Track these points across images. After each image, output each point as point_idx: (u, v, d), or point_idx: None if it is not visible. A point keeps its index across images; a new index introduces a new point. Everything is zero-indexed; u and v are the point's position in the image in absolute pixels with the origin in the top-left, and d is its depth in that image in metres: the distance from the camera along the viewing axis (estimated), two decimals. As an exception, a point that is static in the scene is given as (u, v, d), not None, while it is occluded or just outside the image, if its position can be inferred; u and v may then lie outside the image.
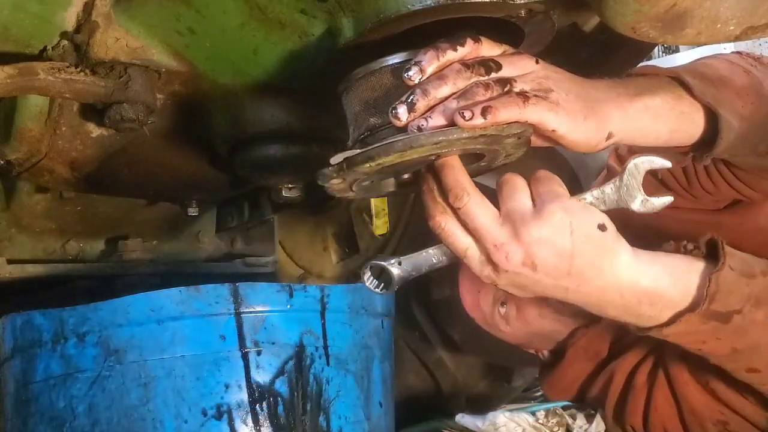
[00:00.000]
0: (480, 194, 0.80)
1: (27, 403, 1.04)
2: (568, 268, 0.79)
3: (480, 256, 0.81)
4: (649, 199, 0.80)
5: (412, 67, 0.75)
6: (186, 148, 1.21)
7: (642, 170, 0.80)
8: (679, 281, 0.82)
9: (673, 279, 0.82)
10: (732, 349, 0.85)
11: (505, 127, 0.75)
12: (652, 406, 1.07)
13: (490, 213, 0.79)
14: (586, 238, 0.78)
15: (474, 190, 0.80)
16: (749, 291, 0.82)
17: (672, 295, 0.82)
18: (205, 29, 0.91)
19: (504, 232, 0.78)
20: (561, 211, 0.77)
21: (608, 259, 0.80)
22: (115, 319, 1.00)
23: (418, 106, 0.74)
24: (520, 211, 0.78)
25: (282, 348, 1.03)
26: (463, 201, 0.79)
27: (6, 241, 1.38)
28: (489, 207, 0.80)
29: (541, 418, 1.80)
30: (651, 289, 0.81)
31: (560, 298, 0.83)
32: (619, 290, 0.81)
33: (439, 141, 0.74)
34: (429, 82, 0.75)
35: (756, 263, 0.85)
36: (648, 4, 0.68)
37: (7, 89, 0.90)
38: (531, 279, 0.80)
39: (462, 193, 0.79)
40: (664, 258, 0.84)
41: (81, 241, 1.47)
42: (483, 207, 0.79)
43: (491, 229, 0.79)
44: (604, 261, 0.79)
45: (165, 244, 1.57)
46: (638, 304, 0.82)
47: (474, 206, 0.79)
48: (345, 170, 0.78)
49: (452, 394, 1.87)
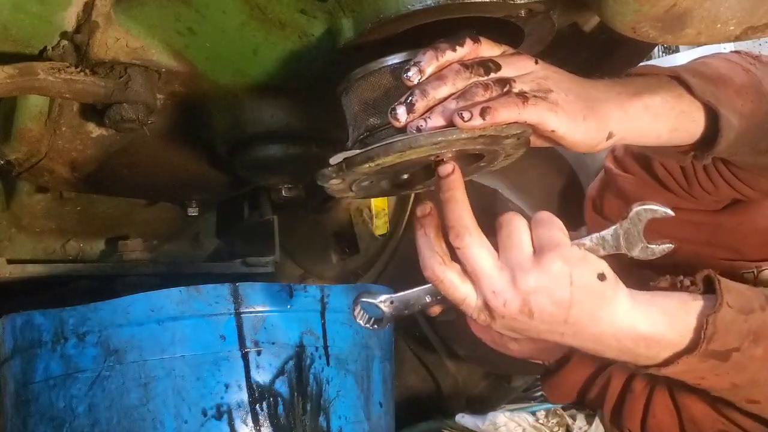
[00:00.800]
0: (481, 235, 0.78)
1: (27, 403, 1.04)
2: (565, 317, 0.78)
3: (477, 301, 0.80)
4: (650, 246, 0.80)
5: (411, 68, 0.75)
6: (186, 148, 1.21)
7: (644, 219, 0.79)
8: (677, 323, 0.81)
9: (670, 322, 0.81)
10: (731, 384, 0.85)
11: (505, 128, 0.75)
12: (650, 412, 1.07)
13: (490, 257, 0.78)
14: (585, 289, 0.77)
15: (476, 230, 0.78)
16: (748, 327, 0.82)
17: (670, 338, 0.81)
18: (205, 29, 0.91)
19: (502, 279, 0.77)
20: (560, 261, 0.76)
21: (606, 309, 0.79)
22: (115, 319, 1.00)
23: (417, 106, 0.74)
24: (519, 258, 0.77)
25: (282, 348, 1.03)
26: (464, 241, 0.77)
27: (6, 241, 1.37)
28: (489, 250, 0.78)
29: (541, 418, 1.80)
30: (648, 333, 0.81)
31: (556, 341, 0.83)
32: (616, 337, 0.80)
33: (438, 141, 0.74)
34: (428, 83, 0.75)
35: (755, 297, 0.84)
36: (648, 4, 0.68)
37: (7, 89, 0.90)
38: (527, 325, 0.80)
39: (464, 232, 0.77)
40: (661, 300, 0.83)
41: (81, 241, 1.47)
42: (483, 250, 0.78)
43: (490, 274, 0.78)
44: (601, 311, 0.79)
45: (165, 244, 1.57)
46: (635, 347, 0.81)
47: (475, 248, 0.77)
48: (344, 170, 0.78)
49: (452, 395, 1.87)
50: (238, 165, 1.14)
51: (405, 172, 0.88)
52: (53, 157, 1.12)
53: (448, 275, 0.79)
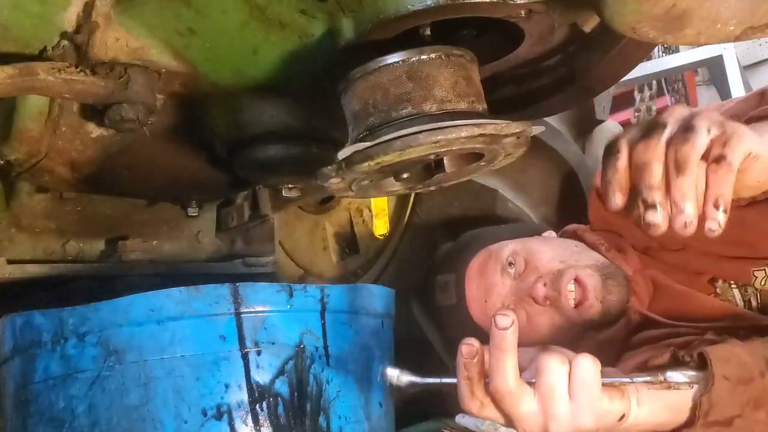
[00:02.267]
0: (524, 391, 0.82)
1: (26, 403, 1.04)
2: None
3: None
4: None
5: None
6: (186, 148, 1.20)
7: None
8: (676, 410, 0.87)
9: (670, 410, 0.87)
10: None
11: (505, 126, 0.75)
12: None
13: (529, 408, 0.82)
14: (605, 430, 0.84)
15: (519, 387, 0.82)
16: (747, 396, 0.86)
17: (671, 423, 0.88)
18: (205, 29, 0.91)
19: (536, 423, 0.83)
20: (593, 421, 0.81)
21: (620, 429, 0.85)
22: (115, 320, 1.00)
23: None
24: (557, 412, 0.82)
25: (282, 348, 1.03)
26: (505, 403, 0.82)
27: (6, 241, 1.37)
28: (529, 404, 0.82)
29: (541, 418, 1.80)
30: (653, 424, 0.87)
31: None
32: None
33: (438, 140, 0.74)
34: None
35: (755, 364, 0.88)
36: (648, 4, 0.68)
37: (7, 89, 0.90)
38: None
39: (508, 398, 0.82)
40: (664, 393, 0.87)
41: (81, 241, 1.46)
42: (525, 409, 0.82)
43: (524, 419, 0.83)
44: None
45: (165, 244, 1.57)
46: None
47: (516, 408, 0.82)
48: (344, 170, 0.78)
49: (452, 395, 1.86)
50: (238, 165, 1.14)
51: (405, 171, 0.88)
52: (53, 158, 1.12)
53: (486, 412, 0.86)
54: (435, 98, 0.79)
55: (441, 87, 0.79)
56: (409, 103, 0.78)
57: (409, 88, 0.79)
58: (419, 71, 0.79)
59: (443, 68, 0.80)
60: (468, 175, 0.93)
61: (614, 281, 1.27)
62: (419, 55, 0.80)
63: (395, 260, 1.88)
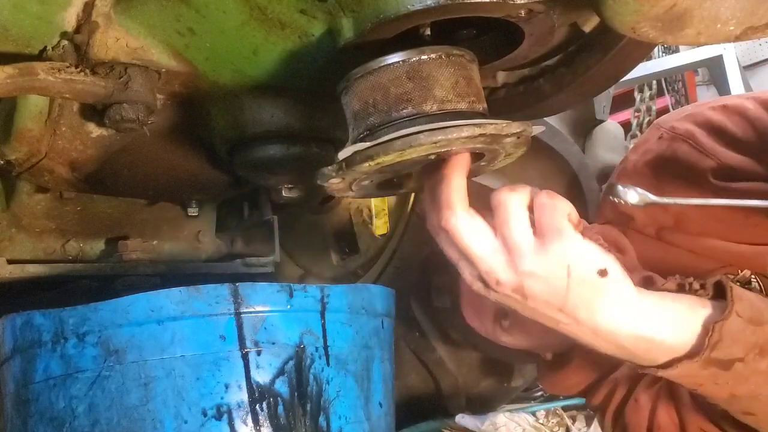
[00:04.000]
0: (470, 215, 0.76)
1: (27, 403, 1.04)
2: (561, 305, 0.77)
3: (472, 270, 0.79)
4: None
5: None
6: (186, 148, 1.20)
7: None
8: (681, 329, 0.79)
9: (674, 326, 0.79)
10: (730, 394, 0.83)
11: (505, 126, 0.75)
12: (655, 424, 1.07)
13: (482, 237, 0.76)
14: (583, 282, 0.76)
15: (463, 209, 0.76)
16: (755, 339, 0.79)
17: (670, 343, 0.79)
18: (205, 29, 0.91)
19: (497, 261, 0.76)
20: (561, 250, 0.75)
21: (605, 305, 0.77)
22: (115, 320, 1.00)
23: None
24: (517, 242, 0.75)
25: (282, 348, 1.03)
26: (449, 222, 0.76)
27: (6, 241, 1.37)
28: (480, 231, 0.76)
29: (541, 418, 1.80)
30: (648, 336, 0.79)
31: (553, 327, 0.81)
32: (614, 334, 0.79)
33: (438, 140, 0.74)
34: None
35: (767, 309, 0.81)
36: (648, 4, 0.68)
37: (7, 89, 0.90)
38: (521, 305, 0.79)
39: (449, 214, 0.75)
40: (670, 302, 0.81)
41: (81, 241, 1.46)
42: (474, 232, 0.76)
43: (482, 255, 0.76)
44: (600, 305, 0.77)
45: (165, 244, 1.57)
46: (634, 348, 0.80)
47: (463, 229, 0.75)
48: (344, 169, 0.78)
49: (452, 394, 1.87)
50: (238, 165, 1.14)
51: (405, 172, 0.88)
52: (53, 157, 1.12)
53: (443, 236, 0.78)
54: (435, 98, 0.79)
55: (441, 87, 0.79)
56: (410, 103, 0.78)
57: (409, 88, 0.79)
58: (419, 71, 0.79)
59: (443, 68, 0.80)
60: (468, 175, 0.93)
61: None
62: (419, 55, 0.80)
63: (395, 260, 1.88)
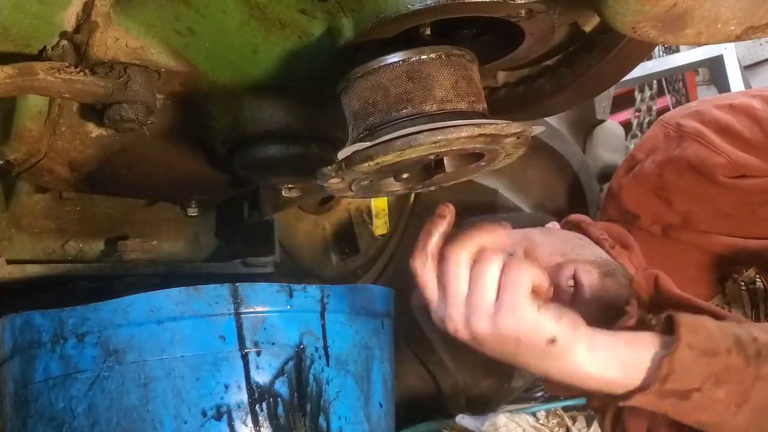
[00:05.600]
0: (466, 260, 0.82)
1: (26, 403, 1.04)
2: (513, 359, 0.83)
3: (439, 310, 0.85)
4: None
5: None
6: (186, 148, 1.20)
7: None
8: (632, 367, 0.83)
9: (625, 366, 0.83)
10: (696, 421, 0.86)
11: (505, 126, 0.75)
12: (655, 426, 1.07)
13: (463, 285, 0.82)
14: (532, 350, 0.81)
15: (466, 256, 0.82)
16: (709, 370, 0.82)
17: (623, 381, 0.83)
18: (205, 29, 0.91)
19: (458, 312, 0.82)
20: (512, 325, 0.79)
21: (554, 365, 0.82)
22: (115, 320, 1.00)
23: None
24: (479, 302, 0.81)
25: (282, 348, 1.02)
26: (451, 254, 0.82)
27: (6, 241, 1.37)
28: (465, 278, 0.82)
29: (541, 419, 1.80)
30: (598, 377, 0.82)
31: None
32: (566, 381, 0.83)
33: (437, 140, 0.74)
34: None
35: (723, 339, 0.84)
36: (648, 4, 0.68)
37: (6, 89, 0.90)
38: (479, 348, 0.84)
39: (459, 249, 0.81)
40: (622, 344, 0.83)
41: (81, 241, 1.46)
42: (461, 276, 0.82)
43: (452, 302, 0.82)
44: (548, 365, 0.82)
45: (164, 244, 1.57)
46: (588, 388, 0.84)
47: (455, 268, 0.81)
48: (344, 170, 0.78)
49: (452, 395, 1.87)
50: (238, 165, 1.14)
51: (405, 171, 0.88)
52: (53, 157, 1.12)
53: (427, 275, 0.84)
54: (435, 98, 0.79)
55: (441, 87, 0.79)
56: (409, 103, 0.78)
57: (409, 87, 0.79)
58: (419, 71, 0.79)
59: (443, 68, 0.80)
60: (468, 175, 0.93)
61: (613, 280, 1.25)
62: (419, 55, 0.80)
63: (395, 260, 1.88)
